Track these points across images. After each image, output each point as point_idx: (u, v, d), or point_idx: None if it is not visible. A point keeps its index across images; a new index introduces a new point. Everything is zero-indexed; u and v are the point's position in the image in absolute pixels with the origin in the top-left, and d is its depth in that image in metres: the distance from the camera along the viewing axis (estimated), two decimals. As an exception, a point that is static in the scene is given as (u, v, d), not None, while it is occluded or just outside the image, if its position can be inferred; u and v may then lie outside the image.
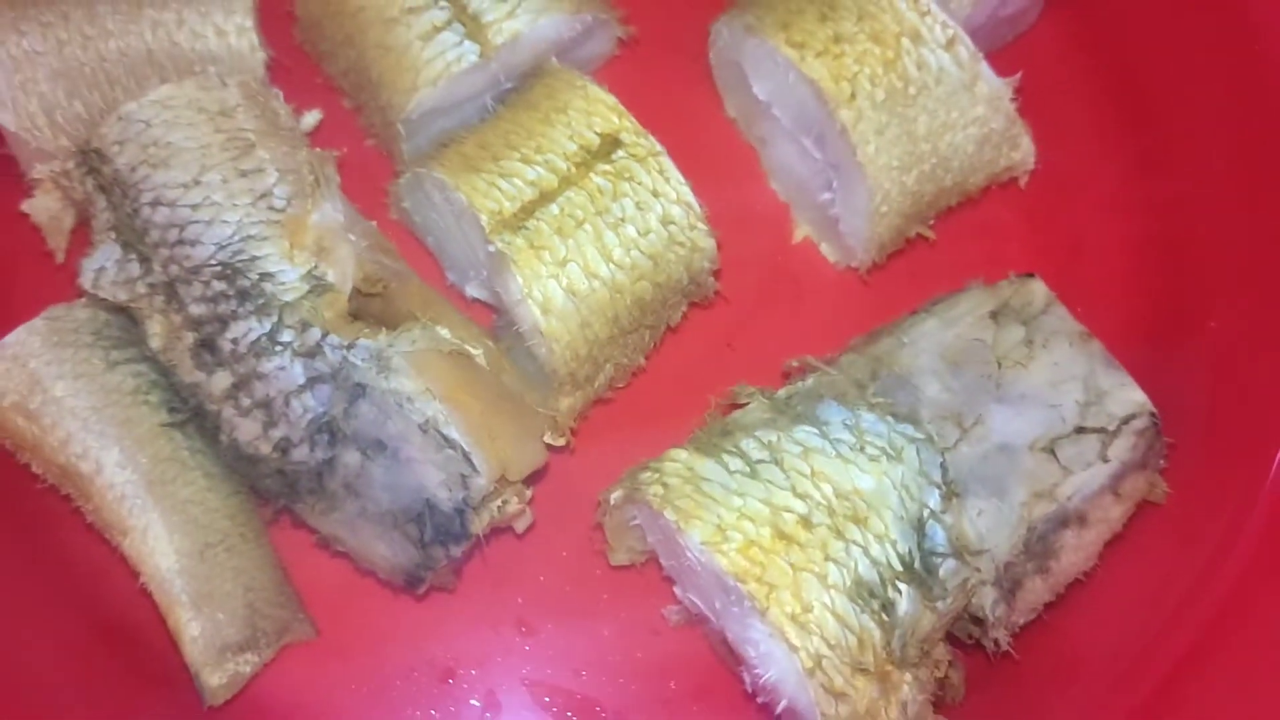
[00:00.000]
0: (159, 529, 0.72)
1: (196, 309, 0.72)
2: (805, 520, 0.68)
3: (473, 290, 0.83)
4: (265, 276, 0.72)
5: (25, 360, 0.73)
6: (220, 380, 0.72)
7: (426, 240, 0.86)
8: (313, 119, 0.82)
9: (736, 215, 0.88)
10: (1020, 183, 0.86)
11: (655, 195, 0.78)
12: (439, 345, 0.73)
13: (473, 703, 0.78)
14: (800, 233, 0.90)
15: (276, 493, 0.73)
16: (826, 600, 0.66)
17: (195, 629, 0.72)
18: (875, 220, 0.82)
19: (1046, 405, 0.74)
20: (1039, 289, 0.79)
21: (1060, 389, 0.75)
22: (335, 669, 0.78)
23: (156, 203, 0.73)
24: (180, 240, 0.73)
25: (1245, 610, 0.71)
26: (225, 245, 0.72)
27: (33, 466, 0.74)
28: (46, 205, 0.80)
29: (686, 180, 0.78)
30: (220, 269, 0.72)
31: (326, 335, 0.71)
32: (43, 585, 0.76)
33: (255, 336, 0.71)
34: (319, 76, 0.89)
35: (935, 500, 0.70)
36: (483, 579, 0.80)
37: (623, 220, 0.77)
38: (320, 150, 0.77)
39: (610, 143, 0.78)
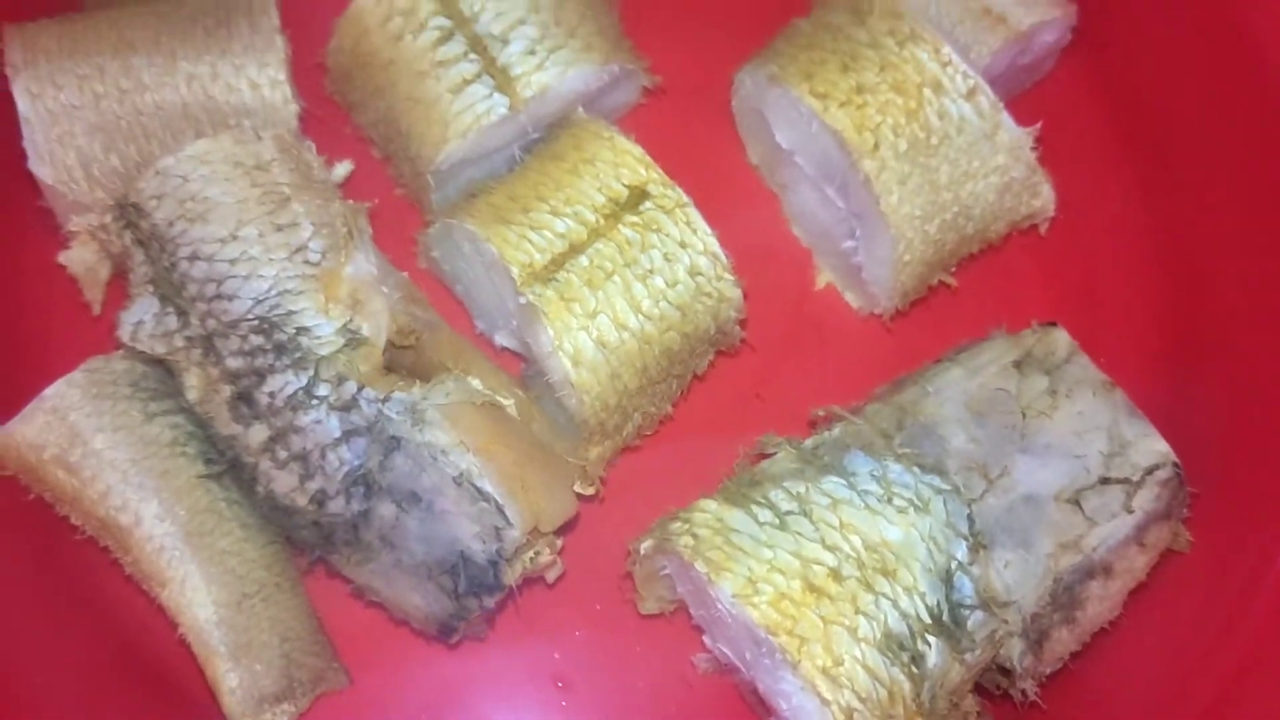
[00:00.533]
0: (197, 580, 0.73)
1: (234, 362, 0.73)
2: (835, 573, 0.69)
3: (501, 339, 0.85)
4: (301, 330, 0.73)
5: (65, 413, 0.75)
6: (257, 433, 0.73)
7: (455, 289, 0.87)
8: (344, 170, 0.83)
9: (760, 261, 0.89)
10: (1040, 229, 0.88)
11: (683, 246, 0.79)
12: (472, 397, 0.75)
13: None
14: (823, 279, 0.91)
15: (312, 543, 0.74)
16: (857, 654, 0.67)
17: (233, 680, 0.73)
18: (899, 269, 0.83)
19: (1071, 456, 0.75)
20: (1062, 338, 0.80)
21: (1084, 439, 0.76)
22: (369, 718, 0.79)
23: (194, 257, 0.74)
24: (218, 295, 0.74)
25: (1271, 658, 0.72)
26: (262, 300, 0.74)
27: (72, 518, 0.76)
28: (83, 257, 0.81)
29: (713, 230, 0.79)
30: (257, 323, 0.73)
31: (362, 389, 0.72)
32: (81, 636, 0.77)
33: (292, 390, 0.73)
34: (348, 126, 0.90)
35: (963, 552, 0.71)
36: (514, 628, 0.81)
37: (651, 272, 0.78)
38: (353, 202, 0.79)
39: (638, 194, 0.80)
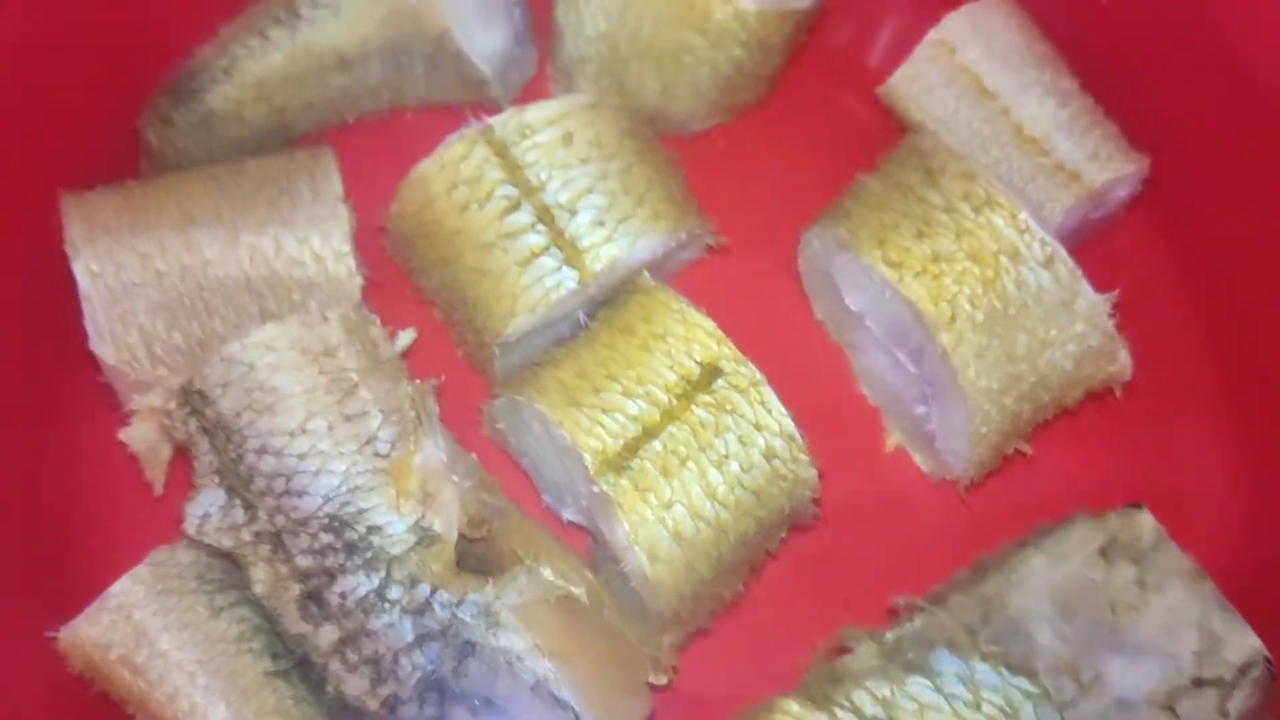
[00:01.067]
0: (266, 783, 0.72)
1: (303, 561, 0.72)
2: (926, 788, 0.67)
3: (569, 514, 0.83)
4: (373, 529, 0.71)
5: (130, 611, 0.73)
6: (327, 634, 0.71)
7: (520, 460, 0.85)
8: (407, 339, 0.81)
9: (827, 421, 0.86)
10: (1116, 393, 0.86)
11: (758, 428, 0.77)
12: (546, 593, 0.73)
13: None
14: (892, 440, 0.89)
15: (383, 747, 0.72)
16: None
17: None
18: (975, 442, 0.81)
19: (1162, 655, 0.73)
20: (1147, 523, 0.78)
21: (1176, 636, 0.74)
22: None
23: (262, 450, 0.73)
24: (287, 490, 0.72)
25: None
26: (332, 497, 0.72)
27: (137, 718, 0.74)
28: (145, 435, 0.80)
29: (785, 407, 0.78)
30: (328, 521, 0.72)
31: (435, 591, 0.71)
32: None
33: (364, 592, 0.71)
34: (408, 287, 0.88)
35: (1056, 763, 0.69)
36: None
37: (726, 457, 0.76)
38: (420, 383, 0.77)
39: (710, 371, 0.78)
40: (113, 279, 0.78)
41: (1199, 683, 0.72)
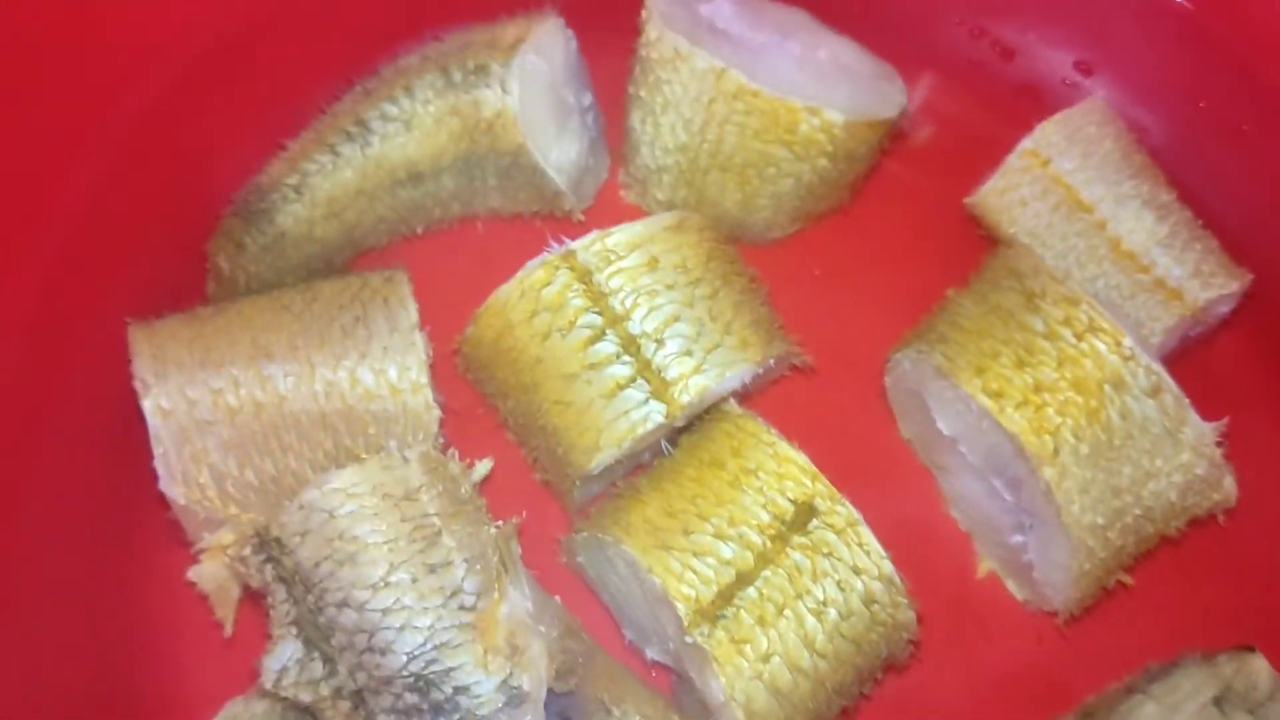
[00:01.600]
0: None
1: (386, 720, 0.69)
2: None
3: (653, 653, 0.79)
4: (460, 690, 0.68)
5: (206, 772, 0.70)
6: (412, 798, 0.68)
7: (601, 595, 0.82)
8: (484, 469, 0.78)
9: (914, 544, 0.83)
10: (1219, 519, 0.82)
11: (856, 572, 0.74)
12: (638, 751, 0.70)
13: None
14: (984, 567, 0.86)
15: None
16: None
17: None
18: (1078, 579, 0.78)
19: (1285, 815, 0.70)
20: (1262, 669, 0.74)
21: (1296, 795, 0.71)
22: None
23: (344, 604, 0.69)
24: (369, 647, 0.69)
25: None
26: (417, 655, 0.69)
27: None
28: (215, 573, 0.76)
29: (886, 552, 0.74)
30: (412, 680, 0.68)
31: (525, 754, 0.68)
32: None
33: (451, 756, 0.68)
34: (480, 404, 0.85)
35: None
36: None
37: (824, 604, 0.73)
38: (502, 524, 0.74)
39: (805, 511, 0.74)
40: (184, 417, 0.75)
41: None
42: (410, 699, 0.68)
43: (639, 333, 0.77)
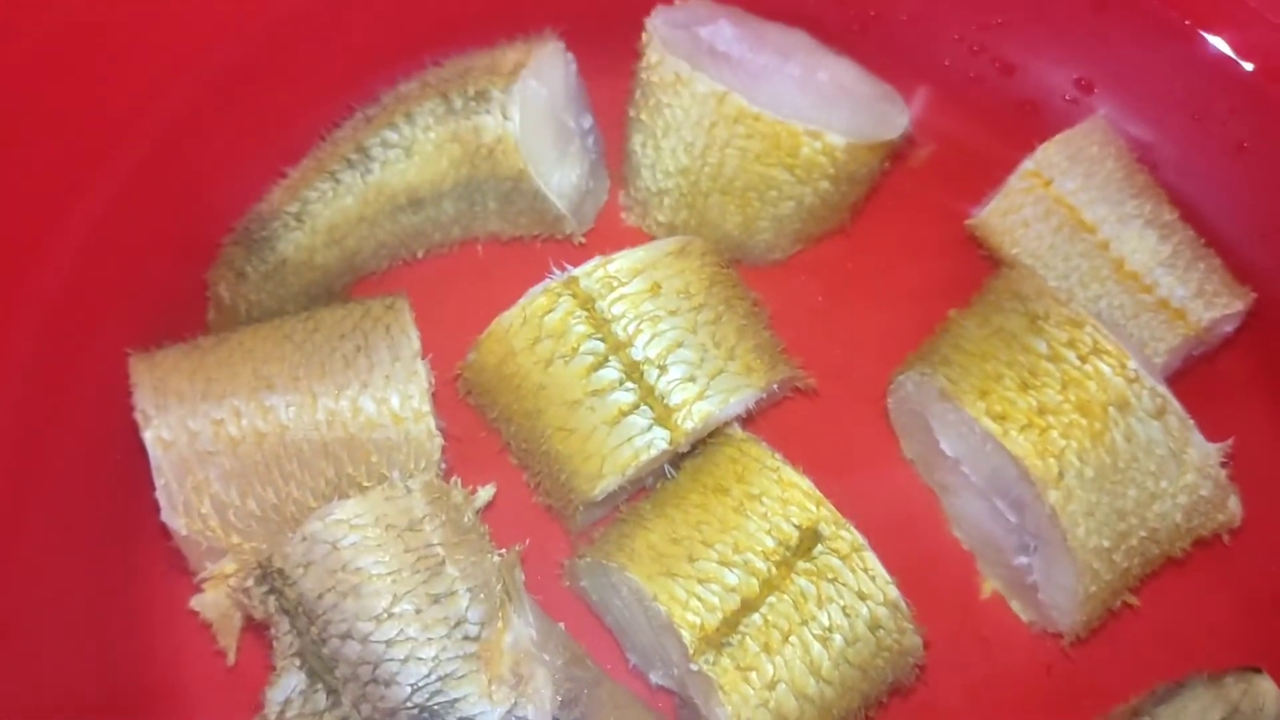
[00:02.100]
0: None
1: (391, 752, 0.68)
2: None
3: (657, 678, 0.79)
4: (465, 721, 0.68)
5: (210, 806, 0.70)
6: (418, 830, 0.68)
7: (605, 619, 0.82)
8: (487, 495, 0.78)
9: (918, 565, 0.83)
10: (1224, 539, 0.82)
11: (861, 598, 0.74)
12: (644, 780, 0.70)
13: None
14: (988, 587, 0.86)
15: None
16: None
17: None
18: (1084, 602, 0.77)
19: (1291, 839, 0.70)
20: (1269, 690, 0.74)
21: (1305, 819, 0.70)
22: None
23: (347, 636, 0.69)
24: (373, 679, 0.69)
25: None
26: (422, 686, 0.68)
27: None
28: (217, 602, 0.76)
29: (891, 577, 0.74)
30: (417, 711, 0.68)
31: (531, 786, 0.67)
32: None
33: (456, 788, 0.68)
34: (482, 430, 0.85)
35: None
36: None
37: (830, 630, 0.73)
38: (505, 553, 0.73)
39: (810, 536, 0.74)
40: (185, 448, 0.75)
41: None
42: (415, 731, 0.68)
43: (642, 359, 0.77)
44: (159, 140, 0.80)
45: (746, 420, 0.82)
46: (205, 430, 0.75)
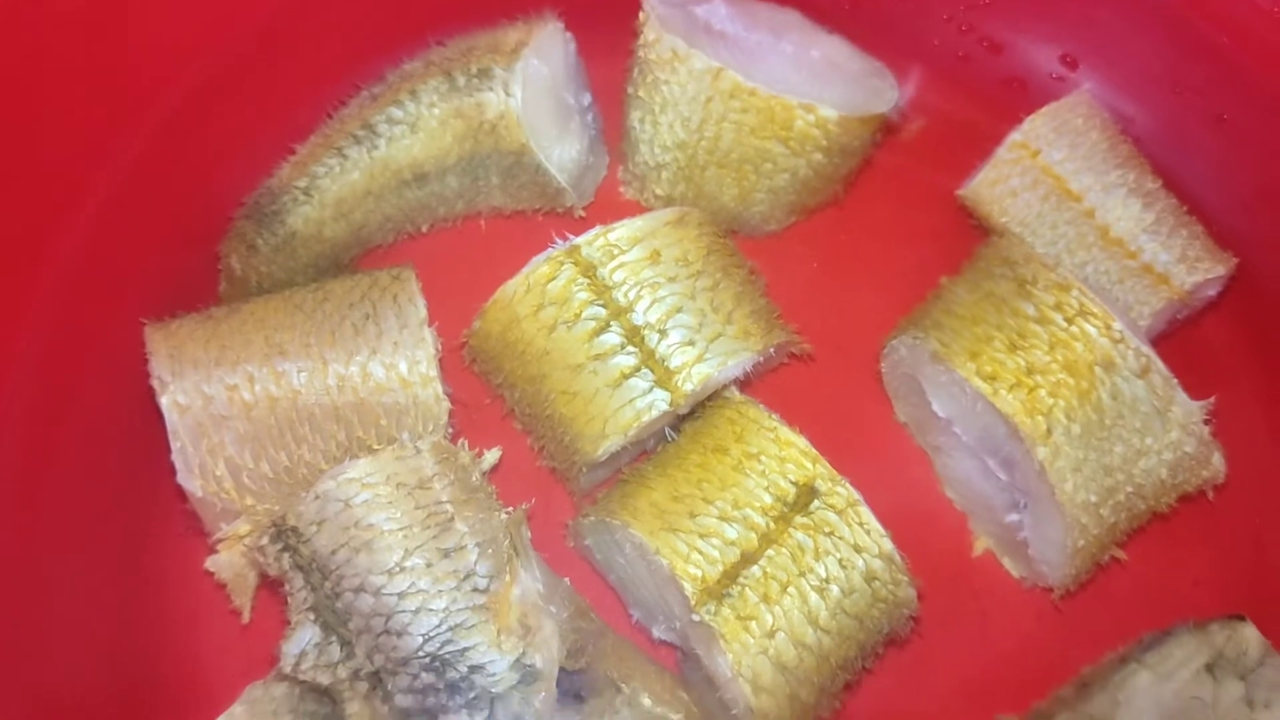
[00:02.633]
0: None
1: (403, 700, 0.70)
2: None
3: (659, 632, 0.82)
4: (475, 669, 0.70)
5: (229, 755, 0.72)
6: (430, 774, 0.70)
7: (608, 576, 0.84)
8: (493, 458, 0.81)
9: (912, 524, 0.85)
10: (1208, 495, 0.84)
11: (857, 550, 0.76)
12: (648, 725, 0.72)
13: None
14: (980, 545, 0.88)
15: None
16: None
17: None
18: (1072, 555, 0.80)
19: (1276, 777, 0.72)
20: (1252, 637, 0.77)
21: (1288, 757, 0.73)
22: None
23: (360, 589, 0.72)
24: (386, 630, 0.71)
25: None
26: (433, 636, 0.71)
27: None
28: (231, 563, 0.79)
29: (886, 530, 0.77)
30: (429, 660, 0.71)
31: (540, 730, 0.70)
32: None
33: (468, 733, 0.70)
34: (486, 394, 0.88)
35: None
36: None
37: (827, 581, 0.75)
38: (513, 511, 0.76)
39: (806, 492, 0.77)
40: (200, 412, 0.77)
41: (1316, 808, 0.71)
42: (427, 679, 0.71)
43: (643, 324, 0.79)
44: (172, 118, 0.82)
45: (744, 386, 0.85)
46: (220, 395, 0.77)
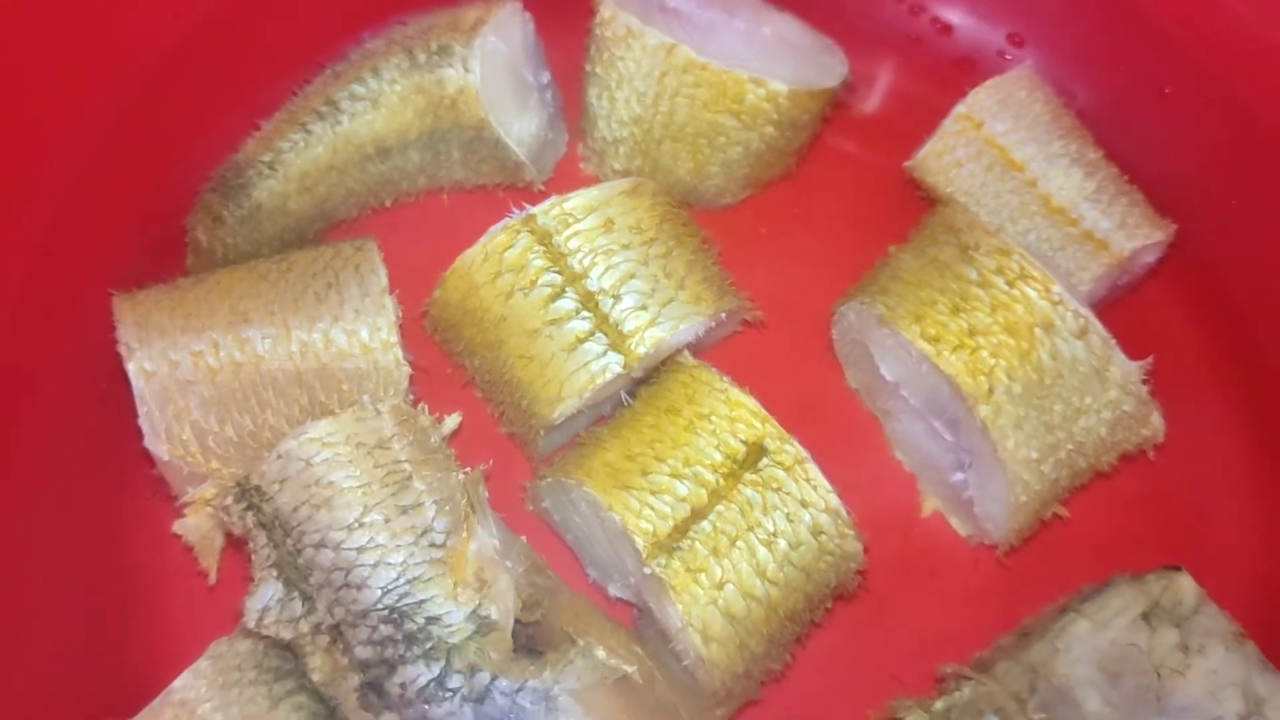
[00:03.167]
0: None
1: (363, 652, 0.73)
2: None
3: (615, 590, 0.84)
4: (432, 620, 0.73)
5: (194, 707, 0.74)
6: (389, 724, 0.73)
7: (565, 537, 0.86)
8: (453, 423, 0.83)
9: (863, 487, 0.88)
10: (1149, 454, 0.87)
11: (804, 505, 0.78)
12: (602, 675, 0.74)
13: None
14: (929, 506, 0.91)
15: (446, 834, 0.73)
16: None
17: None
18: (1015, 511, 0.82)
19: (1208, 717, 0.74)
20: (1188, 586, 0.79)
21: (1219, 698, 0.75)
22: None
23: (320, 545, 0.74)
24: (346, 584, 0.73)
25: None
26: (391, 589, 0.73)
27: (202, 811, 0.75)
28: (198, 526, 0.81)
29: (833, 487, 0.79)
30: (387, 613, 0.73)
31: (495, 679, 0.72)
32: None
33: (424, 682, 0.72)
34: (447, 365, 0.90)
35: (1111, 835, 0.70)
36: None
37: (775, 535, 0.77)
38: (470, 471, 0.78)
39: (755, 450, 0.79)
40: (166, 378, 0.79)
41: (1246, 746, 0.73)
42: (385, 630, 0.73)
43: (597, 290, 0.82)
44: (139, 95, 0.85)
45: (699, 353, 0.87)
46: (185, 361, 0.79)
